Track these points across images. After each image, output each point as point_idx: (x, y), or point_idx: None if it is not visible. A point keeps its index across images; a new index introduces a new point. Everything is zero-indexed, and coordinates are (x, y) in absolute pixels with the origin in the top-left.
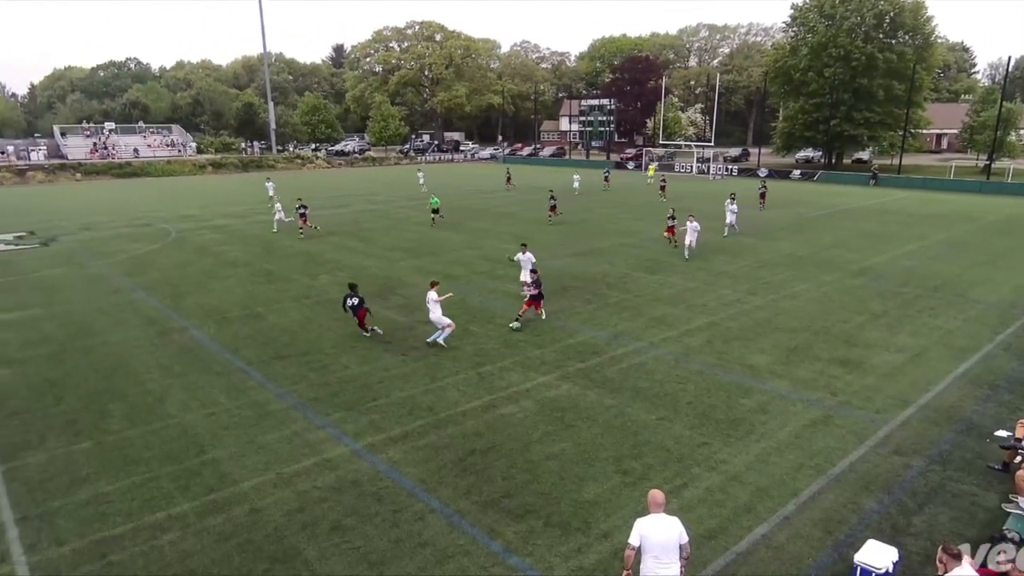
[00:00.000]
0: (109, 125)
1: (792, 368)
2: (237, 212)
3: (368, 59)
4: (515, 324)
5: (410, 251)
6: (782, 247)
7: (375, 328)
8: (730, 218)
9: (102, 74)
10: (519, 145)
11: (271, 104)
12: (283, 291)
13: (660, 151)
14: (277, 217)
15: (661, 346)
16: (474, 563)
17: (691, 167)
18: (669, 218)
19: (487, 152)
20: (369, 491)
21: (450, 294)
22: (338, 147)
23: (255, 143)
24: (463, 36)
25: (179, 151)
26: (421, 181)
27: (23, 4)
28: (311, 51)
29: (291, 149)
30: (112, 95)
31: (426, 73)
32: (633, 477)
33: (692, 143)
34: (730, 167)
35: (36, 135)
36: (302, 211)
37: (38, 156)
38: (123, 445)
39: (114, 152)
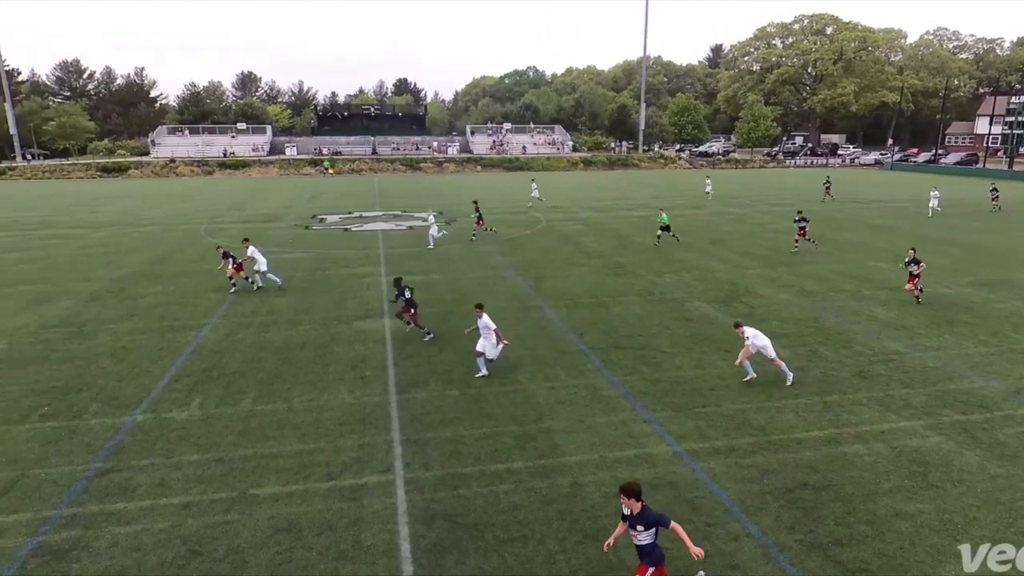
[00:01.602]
0: (507, 125)
1: None
2: (599, 206)
3: (746, 57)
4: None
5: (763, 259)
6: None
7: (420, 328)
8: None
9: (507, 81)
10: (914, 150)
11: (643, 105)
12: (629, 284)
13: None
14: (432, 232)
15: None
16: None
17: None
18: (909, 262)
19: (871, 156)
20: (685, 496)
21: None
22: (702, 148)
23: (623, 142)
24: (859, 27)
25: (558, 148)
26: (708, 189)
27: (462, 27)
28: (688, 52)
29: (656, 149)
30: (512, 99)
31: (808, 70)
32: (1017, 570)
33: None
34: None
35: (453, 133)
36: (478, 215)
37: (452, 151)
38: (480, 399)
39: (507, 148)
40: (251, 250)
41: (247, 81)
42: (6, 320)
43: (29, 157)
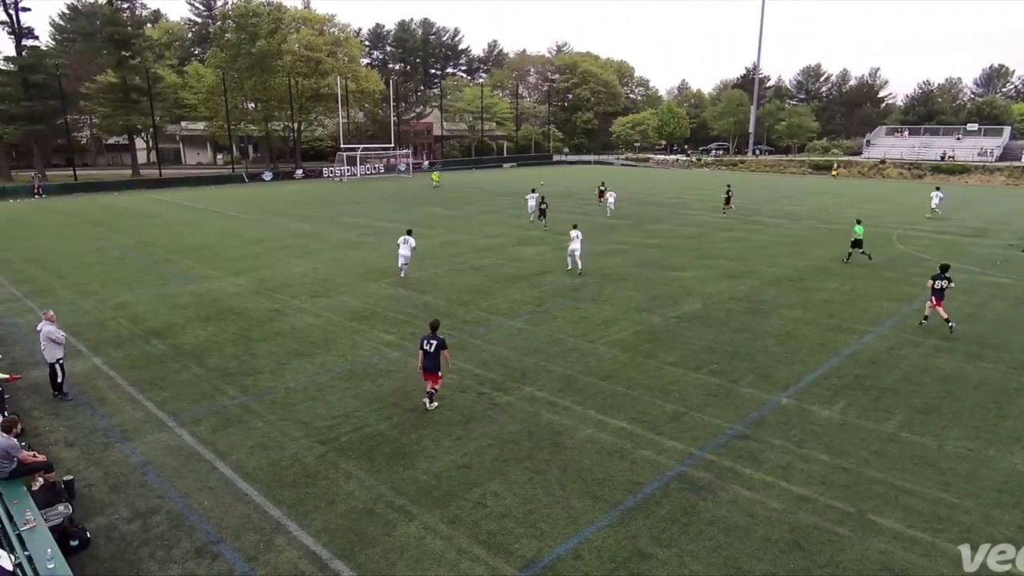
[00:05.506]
0: None
1: None
2: None
3: None
4: None
5: None
6: None
7: None
8: None
9: None
10: None
11: None
12: None
13: None
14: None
15: None
16: None
17: None
18: None
19: None
20: None
21: None
22: None
23: None
24: None
25: None
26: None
27: None
28: None
29: None
30: None
31: None
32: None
33: None
34: None
35: None
36: None
37: None
38: None
39: None
40: (609, 194)
41: (994, 76)
42: (706, 286)
43: (757, 152)
